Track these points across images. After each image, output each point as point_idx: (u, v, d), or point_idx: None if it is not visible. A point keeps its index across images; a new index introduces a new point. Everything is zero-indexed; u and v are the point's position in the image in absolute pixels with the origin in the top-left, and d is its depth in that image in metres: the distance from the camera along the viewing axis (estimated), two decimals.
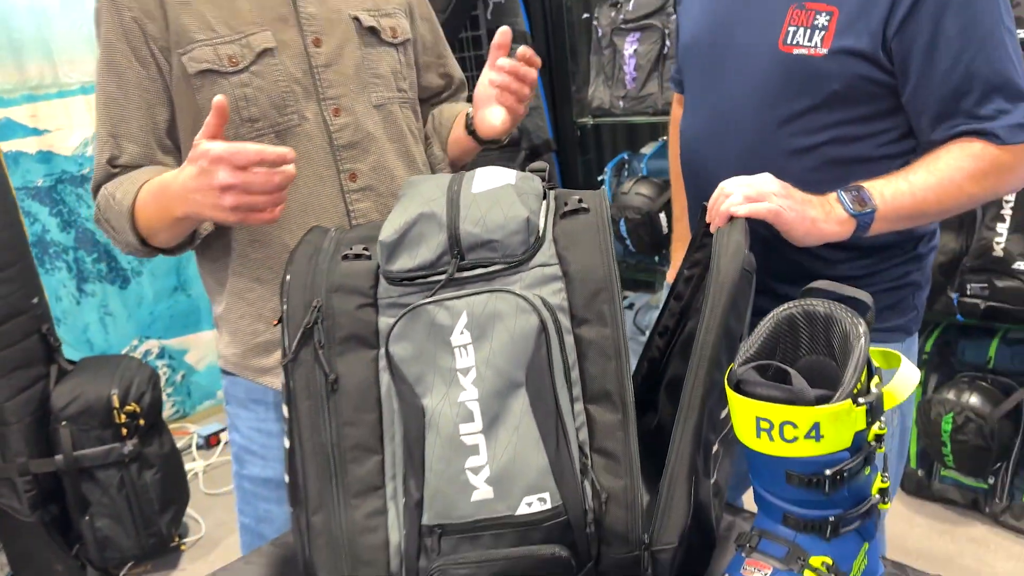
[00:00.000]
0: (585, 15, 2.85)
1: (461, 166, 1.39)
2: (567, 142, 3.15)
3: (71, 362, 2.27)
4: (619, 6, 2.70)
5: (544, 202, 0.97)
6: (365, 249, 0.98)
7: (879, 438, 0.79)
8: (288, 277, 0.97)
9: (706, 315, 0.89)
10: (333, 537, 0.91)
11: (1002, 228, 2.01)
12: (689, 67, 1.32)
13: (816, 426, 0.75)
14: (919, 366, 2.22)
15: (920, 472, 2.26)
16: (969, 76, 1.05)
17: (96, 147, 1.21)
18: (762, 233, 1.02)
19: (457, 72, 1.45)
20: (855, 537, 0.83)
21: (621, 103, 2.70)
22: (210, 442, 3.08)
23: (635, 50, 2.63)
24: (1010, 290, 2.00)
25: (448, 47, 1.43)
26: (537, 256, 0.92)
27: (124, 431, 2.17)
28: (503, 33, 1.18)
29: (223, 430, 3.17)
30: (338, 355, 0.93)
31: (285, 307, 0.95)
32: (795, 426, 0.75)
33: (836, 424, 0.75)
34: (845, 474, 0.77)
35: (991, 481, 2.13)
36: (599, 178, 2.95)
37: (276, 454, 1.29)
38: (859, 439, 0.77)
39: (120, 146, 1.18)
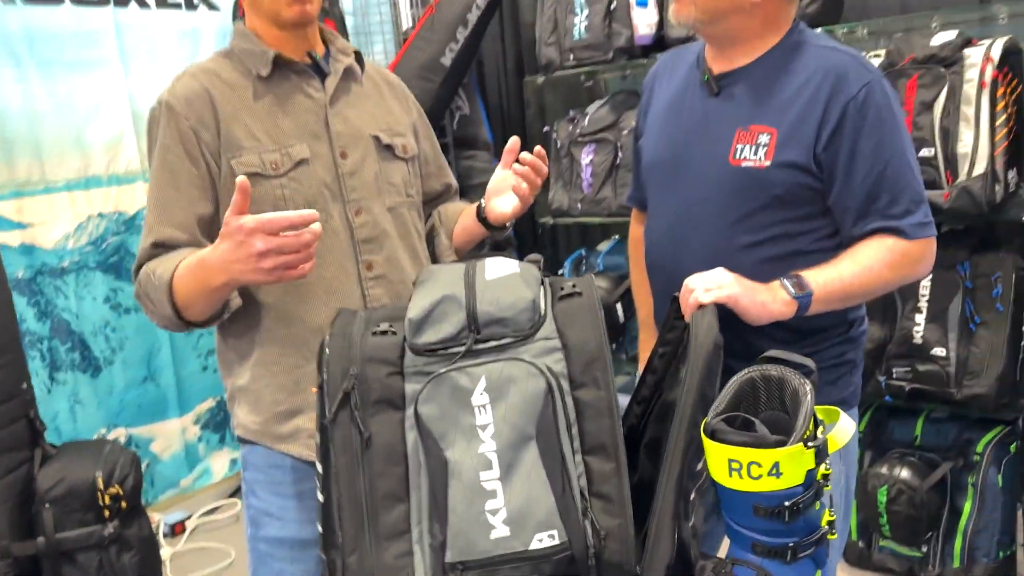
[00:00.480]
0: (545, 128, 3.14)
1: (463, 254, 1.59)
2: (528, 239, 3.39)
3: (52, 446, 2.32)
4: (576, 121, 3.00)
5: (541, 287, 1.16)
6: (391, 326, 1.15)
7: (826, 477, 0.97)
8: (327, 351, 1.13)
9: (686, 381, 1.08)
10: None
11: (920, 319, 2.27)
12: (652, 181, 1.55)
13: (776, 465, 0.93)
14: (856, 447, 2.45)
15: (860, 543, 2.44)
16: (880, 184, 1.31)
17: (144, 231, 1.37)
18: (721, 320, 1.22)
19: (452, 180, 1.67)
20: (810, 563, 1.00)
21: (579, 205, 2.96)
22: (175, 530, 3.09)
23: (591, 160, 2.91)
24: (930, 373, 2.25)
25: (445, 159, 1.65)
26: (540, 331, 1.10)
27: (107, 513, 2.22)
28: (515, 141, 1.41)
29: (188, 518, 3.19)
30: (371, 416, 1.09)
31: (325, 375, 1.11)
32: (759, 465, 0.93)
33: (792, 463, 0.93)
34: (801, 505, 0.95)
35: (924, 549, 2.33)
36: (559, 272, 3.18)
37: (292, 515, 1.41)
38: (810, 476, 0.95)
39: (166, 232, 1.34)
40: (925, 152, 2.16)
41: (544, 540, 1.00)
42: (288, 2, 1.34)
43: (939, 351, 2.24)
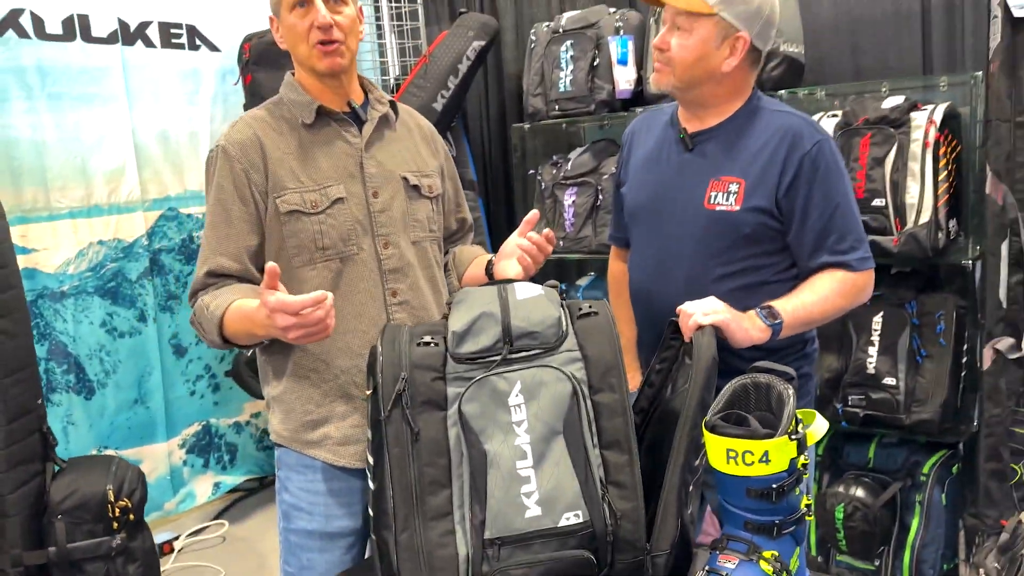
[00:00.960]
0: (531, 171, 3.36)
1: None
2: None
3: (62, 460, 2.43)
4: (559, 165, 3.23)
5: (561, 307, 1.36)
6: (433, 339, 1.33)
7: (805, 466, 1.17)
8: (380, 359, 1.30)
9: (690, 390, 1.28)
10: (415, 552, 1.21)
11: (872, 351, 2.52)
12: (636, 223, 1.79)
13: (766, 453, 1.13)
14: (813, 468, 2.67)
15: (820, 558, 2.65)
16: (830, 225, 1.58)
17: (199, 261, 1.54)
18: None
19: (469, 216, 1.86)
20: (791, 540, 1.20)
21: (561, 243, 3.17)
22: (163, 550, 3.17)
23: (573, 200, 3.14)
24: (882, 401, 2.49)
25: (464, 198, 1.84)
26: (564, 343, 1.29)
27: (115, 525, 2.33)
28: (534, 214, 1.59)
29: (176, 538, 3.28)
30: (418, 415, 1.26)
31: (380, 379, 1.28)
32: (752, 453, 1.13)
33: (778, 452, 1.13)
34: (785, 488, 1.15)
35: (876, 563, 2.54)
36: None
37: (320, 511, 1.57)
38: (793, 464, 1.15)
39: (220, 263, 1.51)
40: (877, 202, 2.43)
41: (571, 519, 1.18)
42: (319, 55, 1.53)
43: (890, 380, 2.48)
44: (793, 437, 1.14)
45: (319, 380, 1.57)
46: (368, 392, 1.31)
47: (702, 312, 1.41)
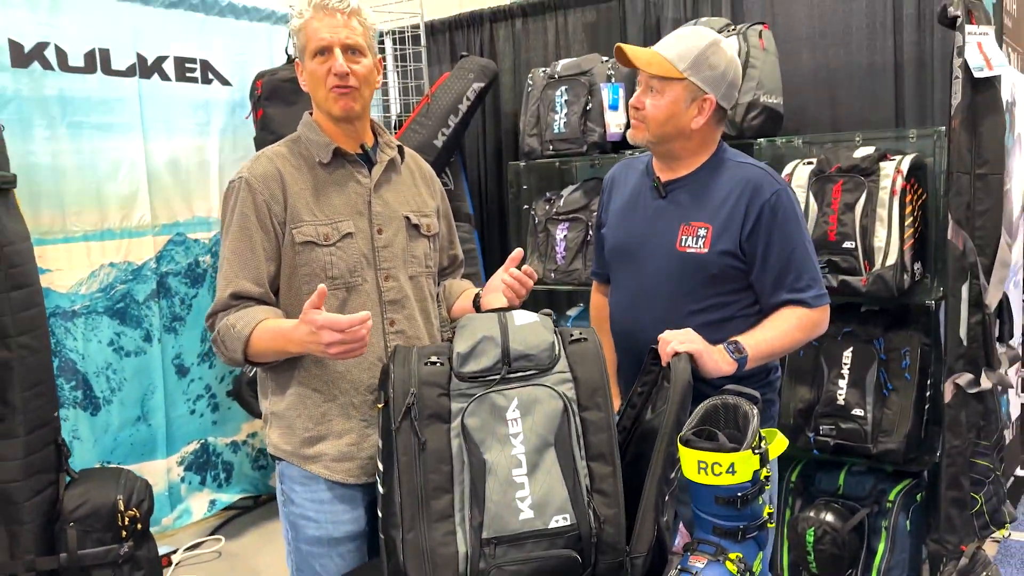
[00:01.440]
0: (525, 206, 3.54)
1: None
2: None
3: (73, 472, 2.55)
4: (552, 201, 3.41)
5: (554, 333, 1.52)
6: (439, 359, 1.48)
7: (767, 478, 1.33)
8: (392, 376, 1.45)
9: (667, 410, 1.43)
10: (419, 549, 1.36)
11: (842, 384, 2.68)
12: (615, 263, 1.97)
13: (732, 465, 1.28)
14: (786, 494, 2.83)
15: None
16: (788, 266, 1.76)
17: (221, 284, 1.68)
18: None
19: (460, 253, 2.02)
20: (754, 544, 1.35)
21: (552, 275, 3.34)
22: (161, 563, 3.27)
23: (565, 235, 3.31)
24: (851, 431, 2.65)
25: (456, 235, 2.01)
26: (556, 365, 1.45)
27: (124, 533, 2.45)
28: (517, 252, 1.75)
29: (174, 552, 3.38)
30: (425, 426, 1.41)
31: (392, 394, 1.43)
32: (720, 465, 1.29)
33: (743, 464, 1.29)
34: (748, 496, 1.30)
35: None
36: None
37: (327, 518, 1.70)
38: (756, 475, 1.31)
39: (243, 286, 1.65)
40: (847, 244, 2.61)
41: (559, 521, 1.33)
42: (335, 99, 1.69)
43: (858, 411, 2.64)
44: (756, 451, 1.30)
45: (319, 400, 1.70)
46: (380, 405, 1.46)
47: (679, 340, 1.58)
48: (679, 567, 1.33)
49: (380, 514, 1.43)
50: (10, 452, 2.34)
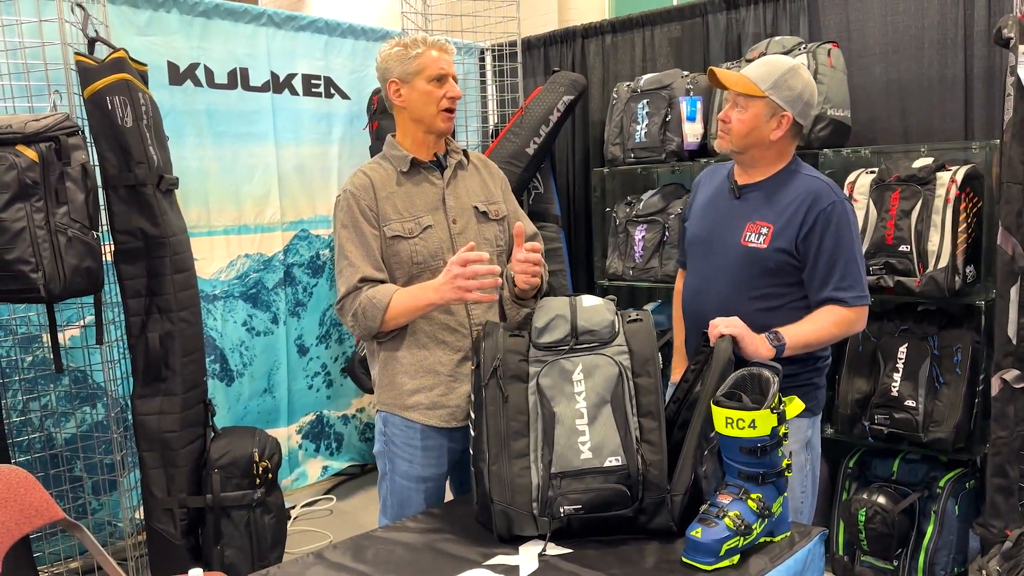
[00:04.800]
0: (608, 209, 3.87)
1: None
2: None
3: (217, 428, 3.03)
4: (632, 204, 3.72)
5: (616, 314, 1.85)
6: (519, 331, 1.84)
7: (785, 434, 1.62)
8: (483, 344, 1.82)
9: (708, 382, 1.74)
10: (502, 479, 1.71)
11: (896, 377, 2.90)
12: (692, 252, 2.26)
13: (753, 420, 1.58)
14: (844, 478, 3.05)
15: (846, 558, 3.01)
16: (833, 268, 2.01)
17: (348, 271, 2.04)
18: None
19: (531, 228, 2.32)
20: (773, 488, 1.65)
21: (631, 272, 3.65)
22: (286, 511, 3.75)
23: (643, 236, 3.62)
24: (903, 420, 2.86)
25: (522, 212, 2.33)
26: (615, 340, 1.78)
27: (257, 481, 2.90)
28: (519, 226, 2.02)
29: (293, 507, 3.86)
30: (508, 384, 1.77)
31: (482, 358, 1.80)
32: (743, 420, 1.59)
33: (762, 421, 1.59)
34: (767, 447, 1.60)
35: (895, 564, 2.89)
36: None
37: (418, 460, 2.08)
38: (774, 431, 1.60)
39: (369, 271, 2.04)
40: (903, 248, 2.83)
41: (612, 461, 1.66)
42: (444, 119, 2.08)
43: (911, 403, 2.85)
44: (774, 411, 1.60)
45: (414, 360, 2.08)
46: (472, 367, 1.83)
47: (724, 324, 1.88)
48: (709, 502, 1.64)
49: (471, 452, 1.79)
50: (170, 407, 2.82)
